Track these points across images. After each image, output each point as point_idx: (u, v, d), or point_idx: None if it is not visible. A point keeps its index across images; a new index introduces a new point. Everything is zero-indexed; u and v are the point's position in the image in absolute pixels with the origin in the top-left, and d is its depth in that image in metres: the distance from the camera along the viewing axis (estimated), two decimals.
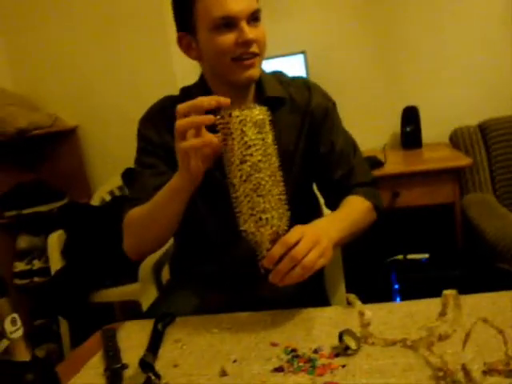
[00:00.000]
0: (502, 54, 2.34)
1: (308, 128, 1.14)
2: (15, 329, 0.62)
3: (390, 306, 0.91)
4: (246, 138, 0.77)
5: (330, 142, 1.14)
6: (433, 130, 2.37)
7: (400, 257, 1.88)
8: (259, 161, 0.78)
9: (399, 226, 1.99)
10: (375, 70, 2.49)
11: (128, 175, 2.28)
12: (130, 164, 1.19)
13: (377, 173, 1.94)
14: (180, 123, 0.83)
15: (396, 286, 1.86)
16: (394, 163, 2.10)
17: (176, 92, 1.20)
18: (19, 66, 2.69)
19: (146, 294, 1.50)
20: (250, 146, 0.77)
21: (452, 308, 0.76)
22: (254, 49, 1.01)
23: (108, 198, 2.36)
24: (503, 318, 0.77)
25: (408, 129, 2.33)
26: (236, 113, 0.78)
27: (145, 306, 1.39)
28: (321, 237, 0.83)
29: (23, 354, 0.63)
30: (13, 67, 2.69)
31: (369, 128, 2.47)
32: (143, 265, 1.60)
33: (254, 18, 1.01)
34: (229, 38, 0.99)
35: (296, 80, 1.18)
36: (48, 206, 2.42)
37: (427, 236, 2.00)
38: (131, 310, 2.27)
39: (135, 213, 1.04)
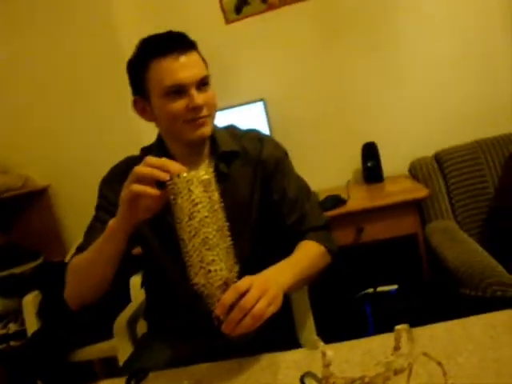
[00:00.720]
0: (452, 86, 2.45)
1: (261, 178, 1.19)
2: None
3: (351, 343, 0.95)
4: (193, 196, 0.82)
5: (283, 190, 1.18)
6: (393, 163, 2.45)
7: (370, 290, 1.93)
8: (206, 216, 0.82)
9: (366, 260, 2.05)
10: (334, 108, 2.57)
11: None
12: None
13: (340, 210, 2.01)
14: (141, 169, 0.87)
15: (370, 319, 1.90)
16: (357, 199, 2.16)
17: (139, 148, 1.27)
18: None
19: (122, 349, 1.51)
20: (197, 204, 0.82)
21: (405, 342, 0.80)
22: (204, 112, 1.09)
23: None
24: (454, 347, 0.82)
25: (369, 164, 2.42)
26: (184, 174, 0.84)
27: (121, 361, 1.40)
28: (269, 284, 0.86)
29: None
30: None
31: (331, 166, 2.56)
32: (118, 320, 1.61)
33: (202, 83, 1.09)
34: (180, 104, 1.07)
35: (249, 133, 1.25)
36: (22, 267, 2.42)
37: (394, 268, 2.05)
38: (111, 365, 2.25)
39: (75, 260, 1.07)
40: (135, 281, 1.94)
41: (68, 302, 1.10)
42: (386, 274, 2.04)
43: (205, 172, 0.85)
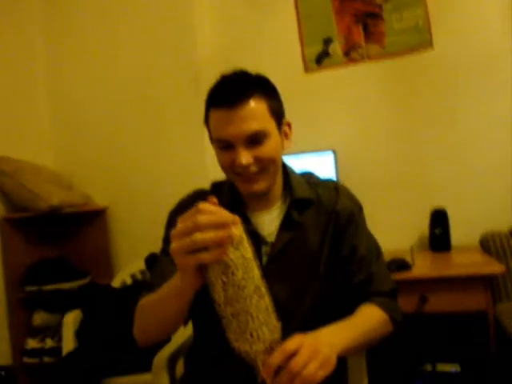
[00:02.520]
0: None
1: (333, 230, 1.12)
2: None
3: None
4: (225, 258, 0.74)
5: (352, 247, 1.12)
6: (462, 232, 2.32)
7: (429, 366, 1.76)
8: (242, 278, 0.75)
9: (428, 332, 1.89)
10: (403, 170, 2.51)
11: (151, 260, 2.27)
12: (155, 249, 1.19)
13: (404, 275, 1.90)
14: (205, 236, 0.72)
15: None
16: (422, 266, 2.04)
17: (206, 183, 1.23)
18: (61, 147, 2.84)
19: None
20: (229, 266, 0.74)
21: None
22: (253, 169, 1.02)
23: (129, 280, 2.34)
24: None
25: (436, 231, 2.29)
26: None
27: None
28: (321, 346, 0.80)
29: None
30: (56, 147, 2.84)
31: (396, 228, 2.44)
32: (158, 355, 1.54)
33: (254, 139, 1.01)
34: (227, 158, 1.03)
35: (325, 182, 1.20)
36: (69, 284, 2.42)
37: (458, 345, 1.88)
38: None
39: (145, 300, 1.02)
40: None
41: (136, 338, 1.05)
42: (447, 350, 1.87)
43: (235, 229, 0.75)
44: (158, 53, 2.65)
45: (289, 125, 1.12)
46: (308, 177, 1.20)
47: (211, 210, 0.74)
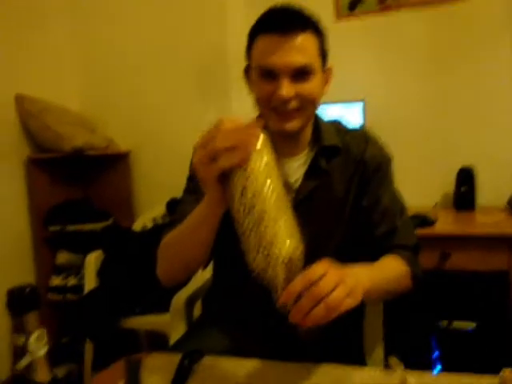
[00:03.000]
0: None
1: (359, 179, 1.10)
2: (40, 346, 0.59)
3: (435, 377, 0.84)
4: (247, 165, 0.70)
5: (376, 197, 1.09)
6: (488, 193, 2.27)
7: (445, 323, 1.76)
8: (263, 185, 0.70)
9: (446, 289, 1.87)
10: (432, 126, 2.43)
11: (173, 205, 2.28)
12: (177, 194, 1.18)
13: (426, 231, 1.87)
14: (224, 143, 0.71)
15: (436, 354, 1.74)
16: (445, 223, 2.01)
17: None
18: (87, 90, 2.82)
19: (176, 328, 1.45)
20: (250, 173, 0.70)
21: None
22: (292, 105, 0.98)
23: (150, 224, 2.36)
24: None
25: (462, 189, 2.24)
26: None
27: (172, 339, 1.35)
28: (348, 276, 0.74)
29: (44, 374, 0.60)
30: (81, 91, 2.81)
31: (421, 184, 2.39)
32: (176, 297, 1.57)
33: (301, 72, 0.97)
34: (267, 89, 0.98)
35: (356, 131, 1.16)
36: (92, 226, 2.46)
37: (476, 303, 1.86)
38: (156, 340, 2.23)
39: (168, 237, 1.01)
40: None
41: (160, 278, 1.04)
42: (465, 308, 1.86)
43: (256, 136, 0.72)
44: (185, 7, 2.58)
45: (329, 70, 1.08)
46: (337, 125, 1.16)
47: (233, 120, 0.72)
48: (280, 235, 0.70)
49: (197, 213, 0.88)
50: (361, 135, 1.14)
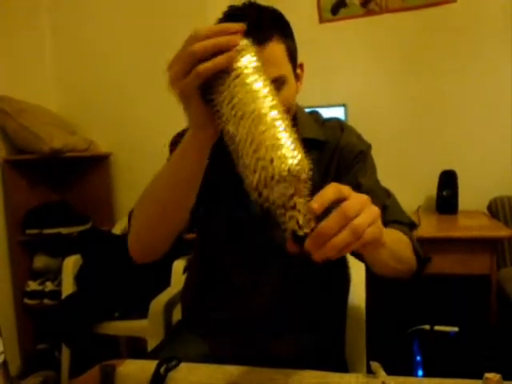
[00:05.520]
0: None
1: (336, 167, 1.05)
2: None
3: (416, 381, 0.82)
4: (230, 66, 0.62)
5: (356, 181, 1.00)
6: (470, 197, 2.28)
7: (426, 327, 1.75)
8: (254, 85, 0.61)
9: (428, 293, 1.87)
10: (415, 129, 2.45)
11: None
12: None
13: None
14: (201, 45, 0.63)
15: (418, 358, 1.73)
16: (428, 227, 2.01)
17: None
18: (66, 91, 2.76)
19: (154, 333, 1.42)
20: (237, 72, 0.62)
21: None
22: None
23: None
24: None
25: (444, 193, 2.24)
26: None
27: (150, 345, 1.32)
28: (371, 203, 0.62)
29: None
30: (60, 91, 2.76)
31: (403, 188, 2.34)
32: (154, 302, 1.53)
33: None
34: None
35: (330, 121, 1.12)
36: (70, 229, 2.41)
37: (458, 308, 1.86)
38: (136, 346, 2.19)
39: (144, 190, 0.88)
40: (177, 265, 1.86)
41: (132, 249, 0.94)
42: (447, 312, 1.86)
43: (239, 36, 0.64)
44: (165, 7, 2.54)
45: (301, 66, 1.03)
46: (315, 116, 1.13)
47: (210, 26, 0.65)
48: (280, 140, 0.58)
49: (180, 146, 0.78)
50: (336, 125, 1.10)
